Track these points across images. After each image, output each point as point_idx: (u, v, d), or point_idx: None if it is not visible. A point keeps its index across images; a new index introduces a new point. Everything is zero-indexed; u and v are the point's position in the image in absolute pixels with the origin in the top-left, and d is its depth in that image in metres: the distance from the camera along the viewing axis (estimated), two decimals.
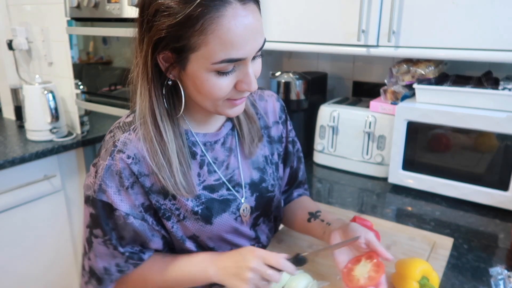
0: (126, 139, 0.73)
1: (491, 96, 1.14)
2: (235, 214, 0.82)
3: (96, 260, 0.76)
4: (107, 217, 0.73)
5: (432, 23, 1.13)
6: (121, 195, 0.72)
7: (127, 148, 0.72)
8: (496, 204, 1.16)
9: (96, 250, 0.75)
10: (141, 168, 0.72)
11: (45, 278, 1.93)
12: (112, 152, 0.72)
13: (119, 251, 0.75)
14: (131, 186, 0.73)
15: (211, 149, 0.81)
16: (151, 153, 0.72)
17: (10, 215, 1.75)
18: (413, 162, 1.28)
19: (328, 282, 0.81)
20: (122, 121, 0.77)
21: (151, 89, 0.71)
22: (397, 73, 1.36)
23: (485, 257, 0.95)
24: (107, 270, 0.76)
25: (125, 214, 0.73)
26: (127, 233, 0.74)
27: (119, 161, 0.72)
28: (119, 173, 0.72)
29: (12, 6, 2.11)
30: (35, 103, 1.85)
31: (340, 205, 1.20)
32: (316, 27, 1.34)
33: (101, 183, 0.72)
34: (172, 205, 0.76)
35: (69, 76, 1.93)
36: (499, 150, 1.14)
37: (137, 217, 0.74)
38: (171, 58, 0.67)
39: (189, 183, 0.75)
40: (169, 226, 0.77)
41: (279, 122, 0.93)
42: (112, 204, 0.72)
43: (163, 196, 0.75)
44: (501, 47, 1.05)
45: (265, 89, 0.96)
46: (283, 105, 0.96)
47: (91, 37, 1.77)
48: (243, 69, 0.67)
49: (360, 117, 1.40)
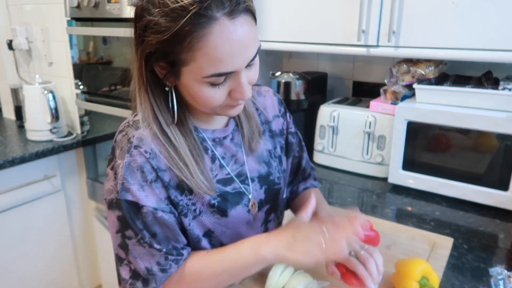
0: (141, 135, 0.72)
1: (491, 96, 1.14)
2: (247, 207, 0.83)
3: (137, 262, 0.72)
4: (135, 216, 0.71)
5: (432, 23, 1.13)
6: (145, 191, 0.71)
7: (143, 143, 0.72)
8: (496, 204, 1.16)
9: (134, 252, 0.72)
10: (158, 163, 0.72)
11: (45, 278, 1.93)
12: (130, 149, 0.71)
13: (155, 248, 0.72)
14: (154, 180, 0.72)
15: (219, 144, 0.82)
16: (166, 155, 0.72)
17: (10, 215, 1.75)
18: (413, 162, 1.28)
19: (328, 282, 0.81)
20: (131, 120, 0.76)
21: (150, 97, 0.72)
22: (397, 73, 1.36)
23: (485, 257, 0.95)
24: (149, 270, 0.72)
25: (153, 209, 0.71)
26: (158, 229, 0.72)
27: (138, 156, 0.71)
28: (141, 168, 0.71)
29: (12, 6, 2.11)
30: (35, 103, 1.85)
31: (340, 205, 1.20)
32: (316, 27, 1.34)
33: (123, 181, 0.70)
34: (188, 200, 0.76)
35: (69, 76, 1.94)
36: (499, 150, 1.14)
37: (166, 210, 0.72)
38: (166, 68, 0.68)
39: (209, 181, 0.76)
40: (186, 223, 0.76)
41: (279, 116, 0.95)
42: (138, 201, 0.70)
43: (180, 191, 0.74)
44: (501, 47, 1.05)
45: (262, 85, 0.97)
46: (280, 98, 0.98)
47: (91, 37, 1.77)
48: (236, 79, 0.68)
49: (360, 117, 1.40)
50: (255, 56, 0.68)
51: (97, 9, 1.61)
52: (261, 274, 0.83)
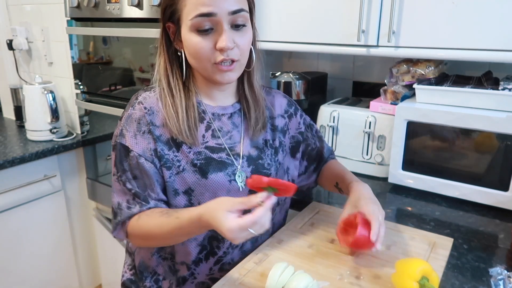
0: (147, 95, 0.90)
1: (491, 96, 1.14)
2: (230, 177, 0.90)
3: (113, 195, 0.88)
4: (124, 158, 0.86)
5: (432, 23, 1.13)
6: (137, 139, 0.86)
7: (146, 101, 0.88)
8: (496, 204, 1.16)
9: (113, 187, 0.88)
10: (153, 119, 0.87)
11: (45, 278, 1.93)
12: (134, 103, 0.89)
13: (127, 188, 0.86)
14: (147, 131, 0.86)
15: (218, 119, 0.93)
16: (164, 106, 0.87)
17: (10, 215, 1.75)
18: (413, 162, 1.28)
19: (328, 282, 0.81)
20: (146, 87, 0.93)
21: (165, 54, 0.89)
22: (397, 73, 1.36)
23: (485, 257, 0.95)
24: (119, 204, 0.87)
25: (138, 155, 0.85)
26: (139, 172, 0.86)
27: (138, 110, 0.87)
28: (138, 119, 0.87)
29: (12, 6, 2.11)
30: (35, 103, 1.86)
31: (340, 205, 1.20)
32: (316, 27, 1.34)
33: (122, 128, 0.88)
34: (174, 156, 0.87)
35: (69, 76, 1.94)
36: (499, 150, 1.14)
37: (148, 159, 0.86)
38: (174, 28, 0.86)
39: (192, 133, 0.87)
40: (167, 175, 0.87)
41: (284, 116, 1.04)
42: (128, 146, 0.86)
43: (168, 147, 0.87)
44: (501, 47, 1.05)
45: (273, 88, 1.10)
46: (290, 100, 1.09)
47: (91, 37, 1.77)
48: (219, 29, 0.81)
49: (360, 117, 1.40)
50: (238, 11, 0.81)
51: (97, 9, 1.61)
52: (261, 274, 0.83)
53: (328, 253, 0.91)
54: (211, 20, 0.80)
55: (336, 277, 0.83)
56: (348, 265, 0.87)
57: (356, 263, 0.88)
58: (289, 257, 0.90)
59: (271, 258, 0.90)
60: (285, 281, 0.77)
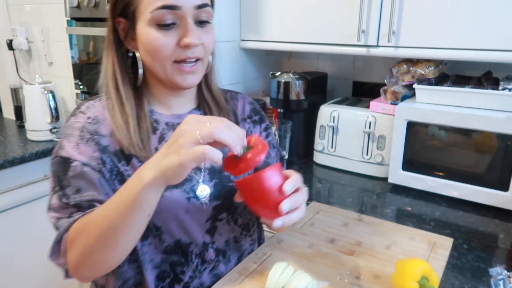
0: (90, 105, 0.80)
1: (491, 96, 1.14)
2: (188, 194, 0.80)
3: (50, 214, 0.74)
4: (64, 172, 0.74)
5: (432, 23, 1.13)
6: (80, 148, 0.75)
7: (89, 110, 0.79)
8: (496, 204, 1.16)
9: (51, 205, 0.74)
10: (99, 129, 0.77)
11: (45, 278, 1.93)
12: (75, 112, 0.79)
13: (69, 204, 0.72)
14: (91, 140, 0.76)
15: (173, 129, 0.83)
16: (111, 116, 0.77)
17: (10, 215, 1.75)
18: (413, 162, 1.28)
19: (328, 282, 0.81)
20: (90, 97, 0.84)
21: (113, 55, 0.79)
22: (397, 73, 1.36)
23: (485, 257, 0.95)
24: (59, 219, 0.73)
25: (82, 164, 0.73)
26: (84, 184, 0.73)
27: (81, 119, 0.77)
28: (80, 128, 0.76)
29: (12, 6, 2.11)
30: (35, 103, 1.85)
31: (340, 205, 1.20)
32: (316, 27, 1.34)
33: (62, 139, 0.76)
34: (125, 170, 0.77)
35: (69, 76, 1.93)
36: (499, 150, 1.14)
37: (95, 169, 0.74)
38: (126, 24, 0.76)
39: (146, 146, 0.77)
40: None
41: (247, 121, 0.95)
42: (70, 157, 0.74)
43: (117, 158, 0.77)
44: (501, 47, 1.05)
45: (239, 92, 1.00)
46: (256, 108, 0.98)
47: (91, 37, 1.77)
48: (183, 24, 0.73)
49: (360, 117, 1.40)
50: (203, 6, 0.74)
51: (97, 9, 1.61)
52: (261, 274, 0.83)
53: (328, 253, 0.91)
54: (174, 14, 0.72)
55: (336, 277, 0.83)
56: (348, 265, 0.87)
57: (356, 263, 0.88)
58: (289, 257, 0.90)
59: (271, 258, 0.90)
60: (285, 281, 0.77)
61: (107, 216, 0.66)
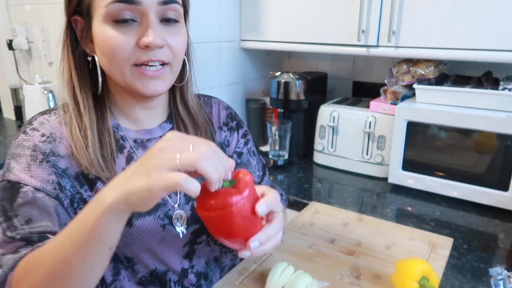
0: (44, 120, 0.69)
1: (491, 96, 1.14)
2: (163, 221, 0.72)
3: None
4: (10, 200, 0.63)
5: (432, 23, 1.13)
6: (32, 171, 0.64)
7: (43, 127, 0.68)
8: (496, 204, 1.16)
9: None
10: (55, 148, 0.66)
11: None
12: (26, 129, 0.67)
13: (15, 238, 0.61)
14: (45, 161, 0.65)
15: (142, 146, 0.74)
16: (68, 130, 0.67)
17: None
18: (413, 162, 1.28)
19: (328, 282, 0.81)
20: (44, 110, 0.72)
21: (70, 59, 0.70)
22: (397, 73, 1.36)
23: (485, 257, 0.95)
24: (3, 255, 0.61)
25: (34, 190, 0.63)
26: (37, 213, 0.62)
27: (33, 137, 0.66)
28: (33, 147, 0.65)
29: (12, 6, 2.11)
30: (35, 103, 1.85)
31: (340, 205, 1.20)
32: (316, 27, 1.34)
33: (10, 161, 0.65)
34: (88, 196, 0.67)
35: None
36: (499, 150, 1.14)
37: (51, 195, 0.64)
38: (82, 23, 0.67)
39: (109, 165, 0.67)
40: None
41: (221, 128, 0.86)
42: (19, 181, 0.63)
43: (79, 183, 0.67)
44: (501, 47, 1.05)
45: (213, 97, 0.90)
46: (233, 113, 0.90)
47: None
48: (144, 21, 0.63)
49: (360, 117, 1.40)
50: (169, 2, 0.64)
51: None
52: (261, 274, 0.83)
53: (328, 253, 0.91)
54: (133, 9, 0.62)
55: (336, 277, 0.83)
56: (348, 265, 0.87)
57: (356, 263, 0.88)
58: (289, 257, 0.90)
59: (271, 258, 0.90)
60: (285, 281, 0.77)
61: (60, 250, 0.54)
